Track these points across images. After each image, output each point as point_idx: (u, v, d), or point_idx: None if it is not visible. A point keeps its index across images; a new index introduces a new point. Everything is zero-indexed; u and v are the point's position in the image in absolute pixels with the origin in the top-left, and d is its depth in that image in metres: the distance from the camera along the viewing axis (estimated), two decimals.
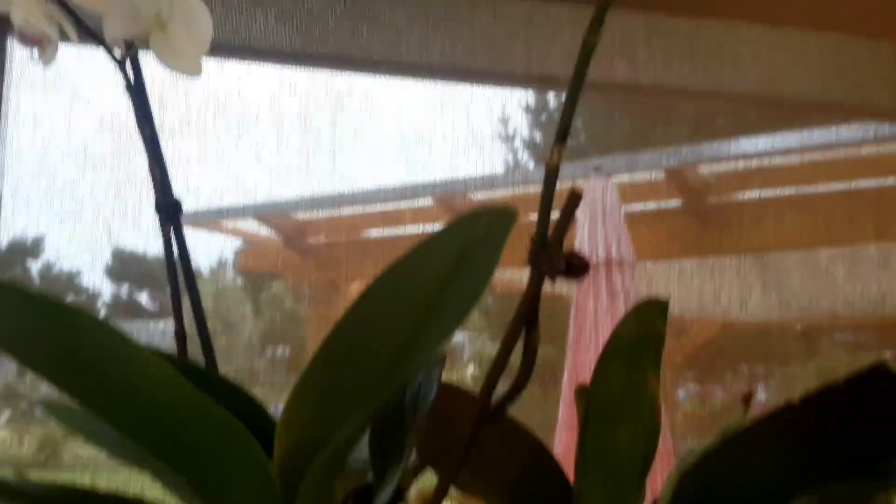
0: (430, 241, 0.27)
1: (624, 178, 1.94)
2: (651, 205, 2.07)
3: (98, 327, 0.26)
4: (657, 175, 2.06)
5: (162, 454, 0.28)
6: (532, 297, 0.28)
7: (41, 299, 0.26)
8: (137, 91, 0.35)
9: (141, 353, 0.26)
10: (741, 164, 2.09)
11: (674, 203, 2.11)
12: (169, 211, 0.36)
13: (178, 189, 0.37)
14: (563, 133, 0.29)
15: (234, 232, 2.97)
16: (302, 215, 2.64)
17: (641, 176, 2.05)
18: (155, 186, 0.36)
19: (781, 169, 2.12)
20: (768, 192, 2.11)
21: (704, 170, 2.06)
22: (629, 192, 1.93)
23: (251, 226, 2.88)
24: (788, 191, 2.06)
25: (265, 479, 0.27)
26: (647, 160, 2.04)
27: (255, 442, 0.27)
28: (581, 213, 1.75)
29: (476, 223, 0.26)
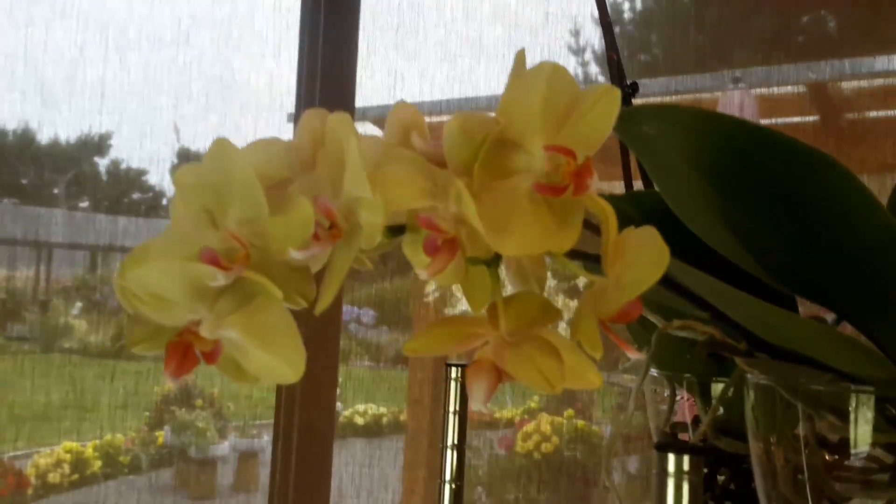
0: None
1: (764, 90, 2.01)
2: (789, 119, 2.14)
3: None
4: (798, 89, 2.12)
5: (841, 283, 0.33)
6: None
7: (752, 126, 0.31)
8: None
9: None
10: (883, 82, 2.12)
11: (812, 118, 2.17)
12: (624, 93, 0.48)
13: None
14: None
15: None
16: None
17: (782, 90, 2.11)
18: (611, 71, 0.49)
19: None
20: None
21: (843, 87, 2.11)
22: (768, 106, 2.01)
23: None
24: None
25: None
26: (788, 74, 2.10)
27: None
28: None
29: None
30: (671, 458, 0.30)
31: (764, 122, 1.87)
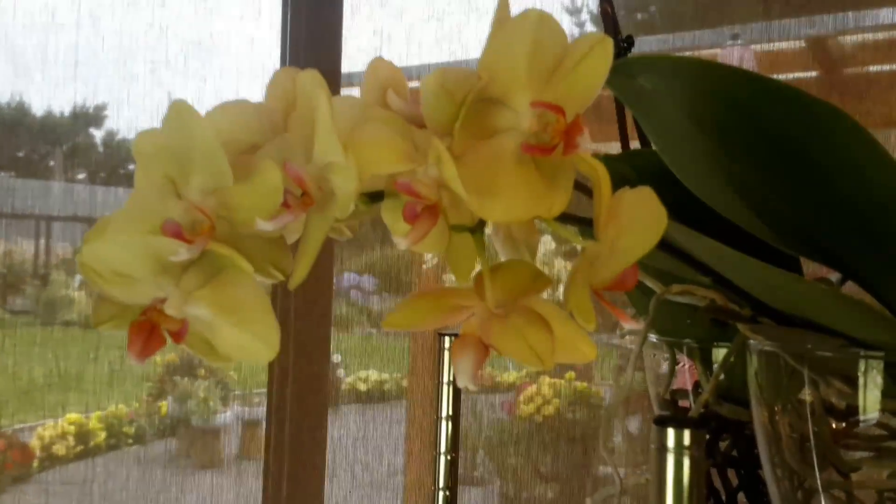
0: None
1: (764, 46, 1.97)
2: (790, 75, 2.10)
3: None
4: (799, 44, 2.08)
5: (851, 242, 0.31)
6: None
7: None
8: None
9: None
10: (888, 34, 2.08)
11: (813, 74, 2.13)
12: (619, 48, 0.46)
13: None
14: None
15: None
16: None
17: (781, 45, 2.07)
18: (605, 24, 0.47)
19: None
20: None
21: (845, 40, 2.07)
22: (768, 61, 1.97)
23: None
24: None
25: None
26: (788, 28, 2.06)
27: None
28: None
29: None
30: (671, 432, 0.28)
31: None
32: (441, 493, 0.53)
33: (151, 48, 1.42)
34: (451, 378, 0.54)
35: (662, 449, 0.28)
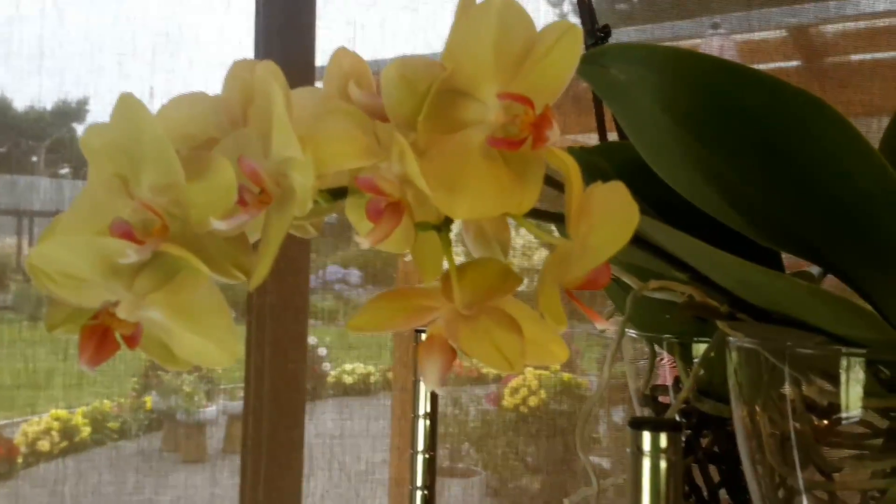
0: None
1: (744, 36, 1.96)
2: (771, 64, 2.10)
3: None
4: (780, 33, 2.07)
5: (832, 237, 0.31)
6: None
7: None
8: None
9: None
10: (868, 23, 2.07)
11: (794, 63, 2.13)
12: (596, 38, 0.45)
13: None
14: None
15: None
16: None
17: (762, 34, 2.07)
18: (582, 13, 0.46)
19: None
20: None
21: (827, 29, 2.07)
22: (749, 51, 1.96)
23: None
24: None
25: None
26: (769, 17, 2.05)
27: None
28: None
29: None
30: (646, 435, 0.27)
31: None
32: (419, 493, 0.52)
33: (119, 39, 1.39)
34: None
35: (638, 452, 0.27)
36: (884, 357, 0.31)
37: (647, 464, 0.27)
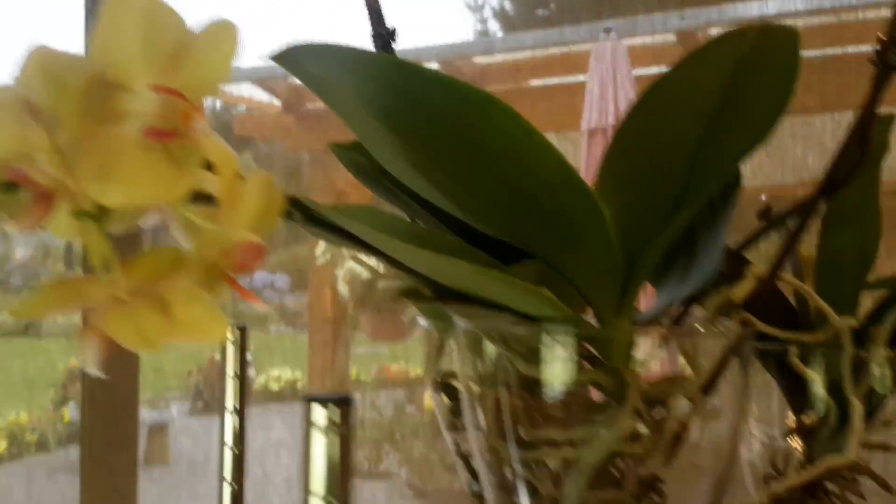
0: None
1: (635, 40, 2.01)
2: (662, 68, 2.15)
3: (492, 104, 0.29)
4: (668, 38, 2.12)
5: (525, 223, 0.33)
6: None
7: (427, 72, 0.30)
8: None
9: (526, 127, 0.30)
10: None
11: None
12: (384, 40, 0.45)
13: None
14: None
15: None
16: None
17: (652, 39, 2.12)
18: (370, 15, 0.45)
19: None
20: None
21: (715, 33, 2.12)
22: (640, 55, 2.01)
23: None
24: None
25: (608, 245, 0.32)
26: (659, 22, 2.10)
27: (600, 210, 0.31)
28: (590, 77, 1.84)
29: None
30: (317, 408, 0.28)
31: (637, 72, 1.88)
32: (228, 487, 0.53)
33: None
34: (236, 370, 0.54)
35: (310, 425, 0.28)
36: (582, 333, 0.33)
37: (318, 436, 0.28)
